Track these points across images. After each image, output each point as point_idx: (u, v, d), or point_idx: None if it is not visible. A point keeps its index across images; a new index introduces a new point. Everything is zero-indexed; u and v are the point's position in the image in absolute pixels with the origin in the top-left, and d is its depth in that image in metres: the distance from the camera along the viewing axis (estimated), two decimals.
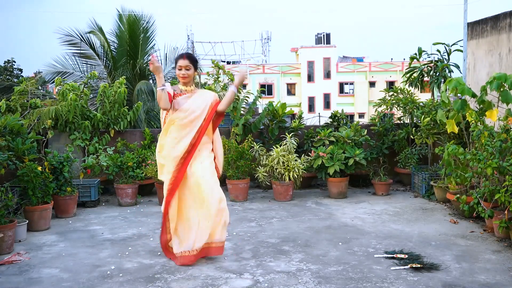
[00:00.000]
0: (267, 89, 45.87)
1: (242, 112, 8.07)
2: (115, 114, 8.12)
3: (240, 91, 8.23)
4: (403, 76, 9.40)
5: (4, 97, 8.53)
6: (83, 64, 12.96)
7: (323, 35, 49.11)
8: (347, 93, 47.68)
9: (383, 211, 6.66)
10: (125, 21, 12.82)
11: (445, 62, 8.77)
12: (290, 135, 7.69)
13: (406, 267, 4.38)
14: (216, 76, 8.57)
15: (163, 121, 4.76)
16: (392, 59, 47.81)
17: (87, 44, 12.62)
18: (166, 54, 13.46)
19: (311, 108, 45.97)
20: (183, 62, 4.64)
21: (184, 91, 4.71)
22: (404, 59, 47.03)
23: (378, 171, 8.00)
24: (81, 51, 12.74)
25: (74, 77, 12.44)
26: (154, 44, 13.41)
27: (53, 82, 9.68)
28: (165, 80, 13.37)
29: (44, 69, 12.71)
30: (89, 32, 12.61)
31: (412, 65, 9.12)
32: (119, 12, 12.88)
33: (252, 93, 8.47)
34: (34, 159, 6.25)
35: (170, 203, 4.59)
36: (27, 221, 5.64)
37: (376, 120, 8.74)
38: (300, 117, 9.05)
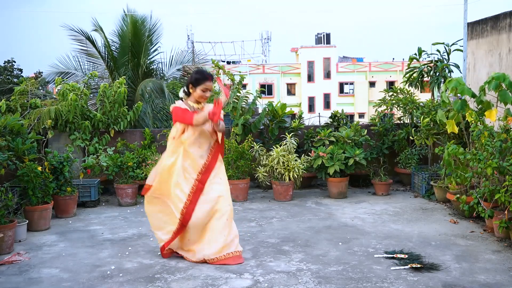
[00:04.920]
0: (267, 89, 45.85)
1: (241, 112, 8.06)
2: (115, 114, 8.12)
3: (240, 91, 8.23)
4: (403, 76, 9.39)
5: (4, 97, 8.53)
6: (86, 63, 13.01)
7: (323, 35, 49.09)
8: (347, 93, 47.66)
9: (383, 211, 6.66)
10: (127, 21, 12.86)
11: (445, 62, 8.77)
12: (290, 135, 7.69)
13: (406, 267, 4.38)
14: (216, 76, 8.56)
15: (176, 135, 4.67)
16: (393, 59, 47.85)
17: (90, 41, 12.68)
18: (172, 56, 13.53)
19: (311, 108, 45.95)
20: (209, 85, 4.58)
21: (196, 109, 4.66)
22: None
23: (378, 171, 8.00)
24: (85, 48, 12.80)
25: (76, 78, 12.48)
26: (159, 47, 13.49)
27: (54, 82, 9.70)
28: (166, 80, 13.48)
29: (47, 69, 12.78)
30: (93, 30, 12.69)
31: (412, 65, 9.12)
32: (124, 12, 12.95)
33: (251, 93, 8.47)
34: (34, 159, 6.25)
35: None
36: (27, 221, 5.64)
37: (376, 120, 8.74)
38: (300, 117, 9.05)
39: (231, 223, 4.66)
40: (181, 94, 4.75)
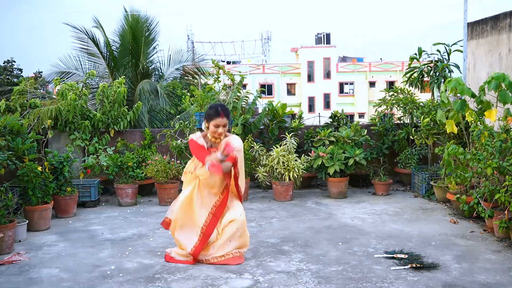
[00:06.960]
0: (267, 89, 45.84)
1: (241, 112, 8.06)
2: (115, 114, 8.12)
3: (240, 91, 8.23)
4: (403, 76, 9.40)
5: (3, 97, 8.53)
6: (87, 62, 13.03)
7: (323, 35, 49.08)
8: (347, 93, 47.66)
9: (383, 211, 6.66)
10: (128, 21, 12.88)
11: (445, 62, 8.77)
12: (290, 135, 7.69)
13: (406, 267, 4.38)
14: (216, 76, 8.57)
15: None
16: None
17: (91, 40, 12.69)
18: (170, 55, 13.55)
19: (311, 108, 45.94)
20: (221, 121, 4.46)
21: (213, 147, 4.60)
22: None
23: (378, 171, 8.00)
24: (86, 47, 12.81)
25: (77, 78, 12.49)
26: (157, 45, 13.50)
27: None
28: (165, 80, 13.46)
29: (49, 68, 12.79)
30: (94, 27, 12.73)
31: (412, 65, 9.12)
32: (125, 12, 12.96)
33: (251, 93, 8.47)
34: (34, 159, 6.25)
35: None
36: (27, 221, 5.64)
37: (376, 120, 8.74)
38: (300, 117, 9.05)
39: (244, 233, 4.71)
40: (203, 125, 4.64)
